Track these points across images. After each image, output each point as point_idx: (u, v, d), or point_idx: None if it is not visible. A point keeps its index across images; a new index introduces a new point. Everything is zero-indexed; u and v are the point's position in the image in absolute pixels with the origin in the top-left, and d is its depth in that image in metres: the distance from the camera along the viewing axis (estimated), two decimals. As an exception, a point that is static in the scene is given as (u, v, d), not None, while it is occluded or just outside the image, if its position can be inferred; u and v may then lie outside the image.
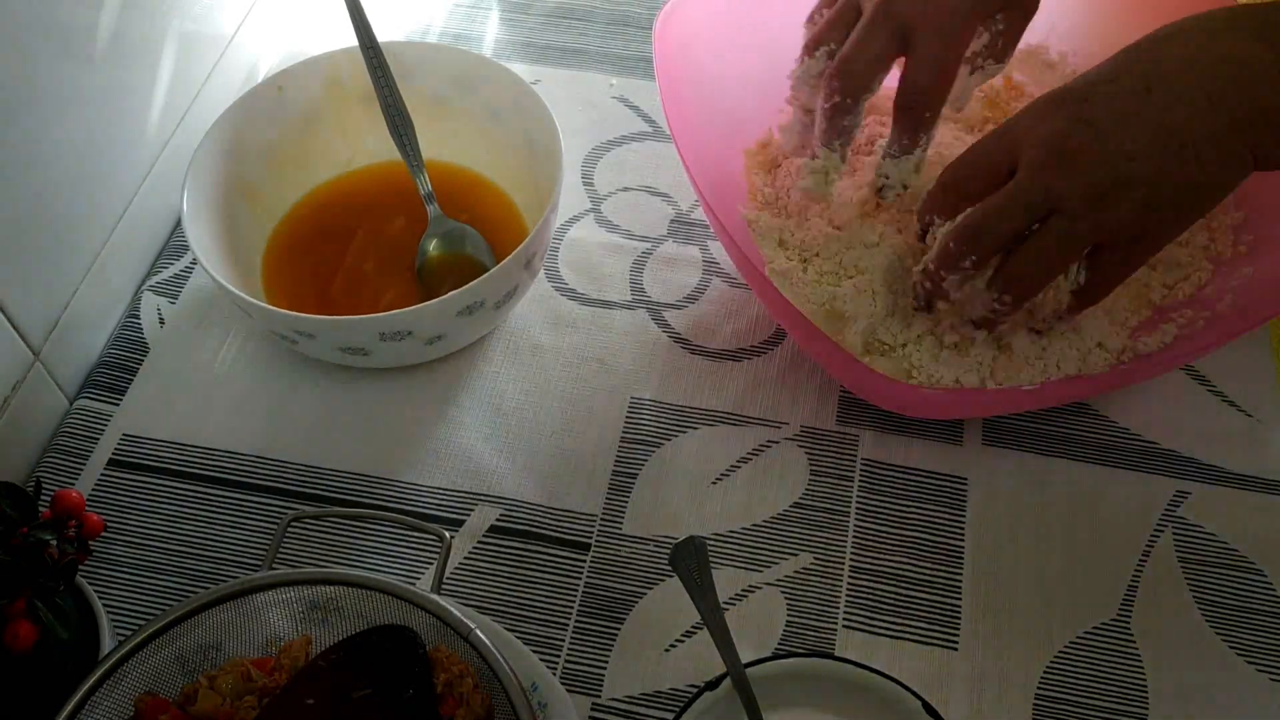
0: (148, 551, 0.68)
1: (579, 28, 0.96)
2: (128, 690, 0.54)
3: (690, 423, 0.73)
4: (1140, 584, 0.66)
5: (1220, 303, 0.70)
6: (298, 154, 0.80)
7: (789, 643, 0.64)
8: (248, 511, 0.69)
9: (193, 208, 0.71)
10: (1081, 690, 0.62)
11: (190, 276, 0.80)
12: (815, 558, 0.67)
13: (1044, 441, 0.71)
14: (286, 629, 0.58)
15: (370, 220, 0.79)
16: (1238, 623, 0.65)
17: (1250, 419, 0.72)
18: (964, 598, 0.66)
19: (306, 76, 0.79)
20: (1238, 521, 0.68)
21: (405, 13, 0.97)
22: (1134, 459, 0.71)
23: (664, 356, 0.76)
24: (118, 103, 0.75)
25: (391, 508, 0.69)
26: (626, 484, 0.70)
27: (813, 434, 0.72)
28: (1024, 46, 0.81)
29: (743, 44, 0.78)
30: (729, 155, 0.78)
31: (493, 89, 0.78)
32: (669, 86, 0.71)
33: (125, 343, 0.76)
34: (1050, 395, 0.69)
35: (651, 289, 0.79)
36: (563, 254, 0.81)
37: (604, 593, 0.66)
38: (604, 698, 0.63)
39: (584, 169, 0.86)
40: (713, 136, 0.76)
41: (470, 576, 0.67)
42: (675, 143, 0.69)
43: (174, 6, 0.79)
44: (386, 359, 0.72)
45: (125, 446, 0.72)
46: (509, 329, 0.77)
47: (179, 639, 0.56)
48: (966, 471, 0.70)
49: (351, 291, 0.76)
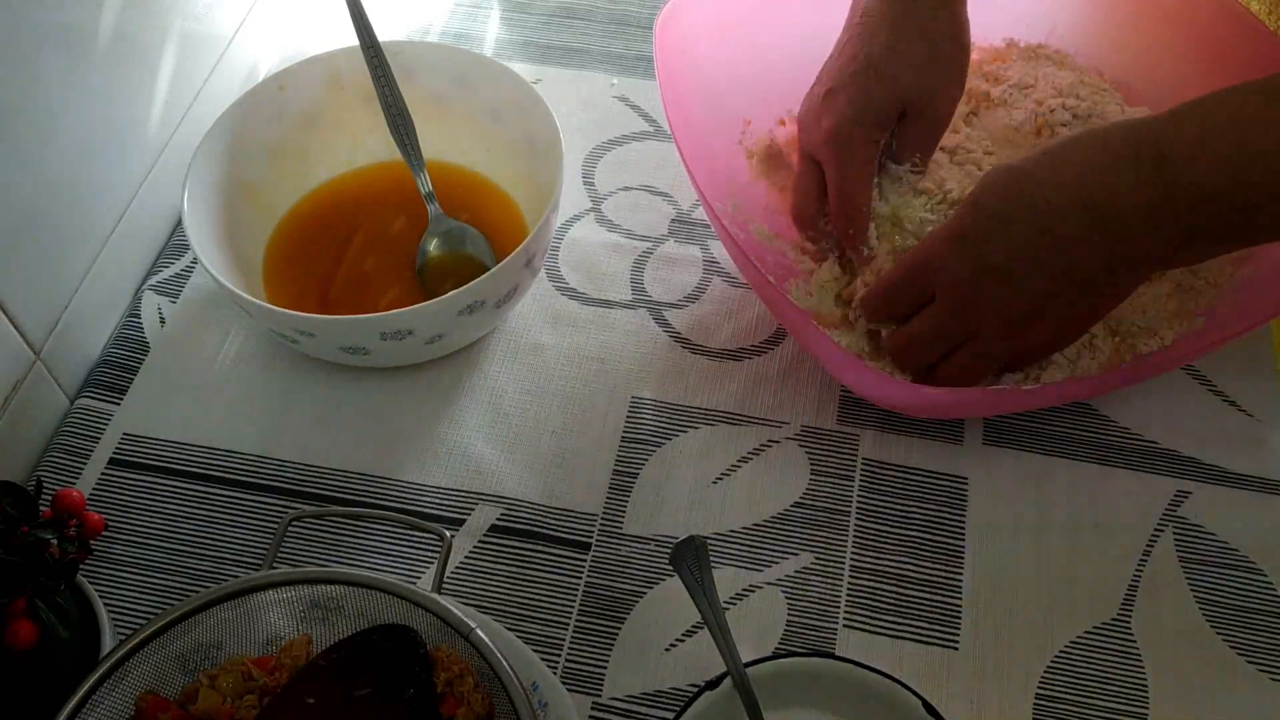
0: (148, 550, 0.68)
1: (580, 27, 0.96)
2: (128, 689, 0.54)
3: (691, 422, 0.73)
4: (1141, 584, 0.66)
5: (1220, 303, 0.70)
6: (298, 153, 0.80)
7: (789, 642, 0.64)
8: (248, 511, 0.69)
9: (193, 207, 0.71)
10: (1082, 690, 0.62)
11: (191, 276, 0.80)
12: (816, 557, 0.67)
13: (1044, 441, 0.71)
14: (287, 628, 0.58)
15: (371, 220, 0.79)
16: (1238, 622, 0.65)
17: (1250, 419, 0.72)
18: (964, 597, 0.66)
19: (307, 76, 0.79)
20: (1238, 521, 0.68)
21: (406, 12, 0.97)
22: (1134, 459, 0.71)
23: (665, 356, 0.76)
24: (118, 102, 0.75)
25: (392, 507, 0.69)
26: (627, 483, 0.70)
27: (813, 433, 0.72)
28: (1026, 45, 0.81)
29: (743, 42, 0.78)
30: (730, 154, 0.78)
31: (493, 89, 0.78)
32: (670, 86, 0.71)
33: (126, 342, 0.76)
34: (1050, 396, 0.69)
35: (652, 288, 0.79)
36: (563, 253, 0.81)
37: (605, 592, 0.66)
38: (604, 697, 0.63)
39: (585, 168, 0.86)
40: (714, 136, 0.76)
41: (471, 576, 0.67)
42: (676, 142, 0.69)
43: (174, 6, 0.79)
44: (387, 358, 0.72)
45: (126, 445, 0.72)
46: (510, 328, 0.77)
47: (180, 638, 0.56)
48: (967, 471, 0.70)
49: (352, 291, 0.76)
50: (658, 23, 0.73)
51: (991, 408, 0.72)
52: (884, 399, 0.70)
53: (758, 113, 0.79)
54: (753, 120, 0.79)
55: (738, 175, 0.78)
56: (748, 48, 0.77)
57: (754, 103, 0.78)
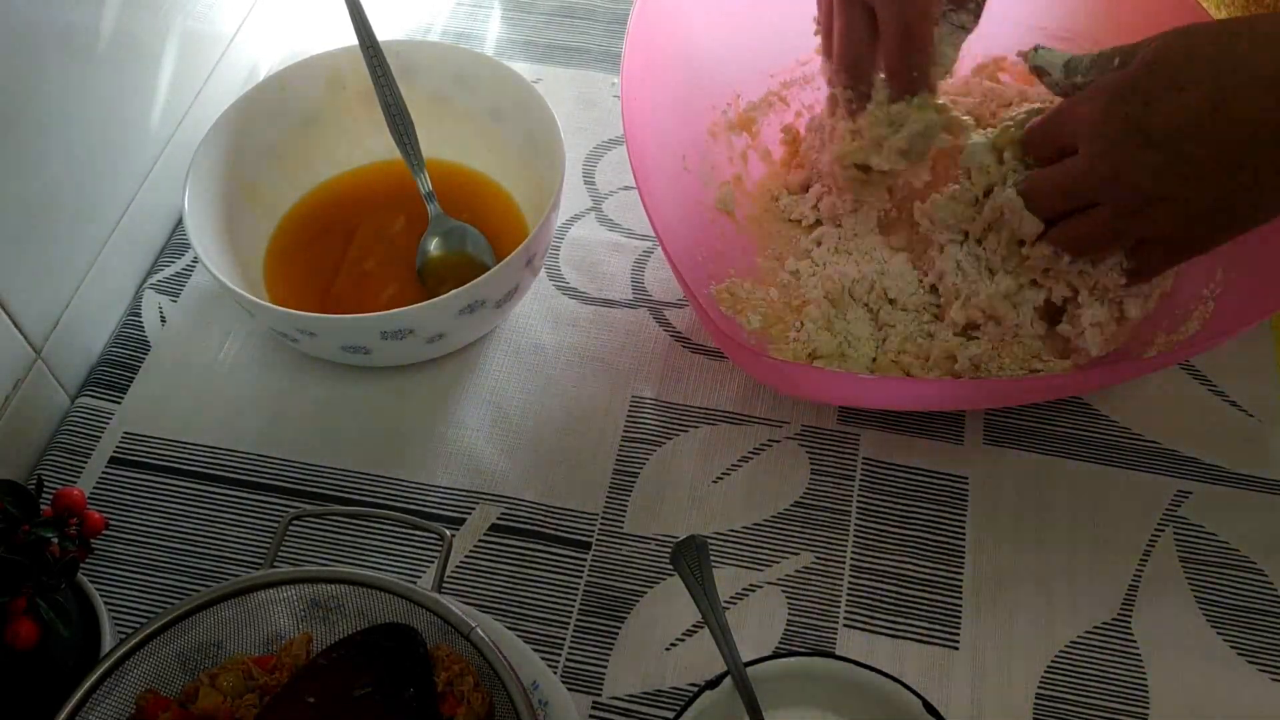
0: (149, 549, 0.68)
1: (581, 26, 0.96)
2: (129, 688, 0.54)
3: (691, 421, 0.73)
4: (1141, 584, 0.66)
5: (1220, 302, 0.70)
6: (299, 153, 0.80)
7: (790, 642, 0.64)
8: (249, 510, 0.69)
9: (194, 206, 0.71)
10: (1082, 690, 0.62)
11: (192, 275, 0.80)
12: (816, 557, 0.67)
13: (1045, 441, 0.71)
14: (288, 627, 0.58)
15: (371, 219, 0.79)
16: (1238, 622, 0.65)
17: (1250, 419, 0.72)
18: (964, 597, 0.66)
19: (307, 76, 0.79)
20: (1238, 521, 0.68)
21: (407, 12, 0.97)
22: (1135, 458, 0.71)
23: (665, 355, 0.76)
24: (119, 101, 0.75)
25: (393, 506, 0.69)
26: (628, 483, 0.70)
27: (814, 433, 0.72)
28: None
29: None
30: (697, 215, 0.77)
31: (494, 88, 0.78)
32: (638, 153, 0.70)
33: (127, 341, 0.76)
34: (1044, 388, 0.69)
35: (653, 288, 0.79)
36: (564, 253, 0.81)
37: (605, 591, 0.66)
38: (605, 696, 0.63)
39: (585, 168, 0.86)
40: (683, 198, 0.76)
41: (471, 575, 0.67)
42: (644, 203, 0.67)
43: (175, 6, 0.79)
44: (388, 358, 0.72)
45: (126, 444, 0.72)
46: (510, 328, 0.77)
47: (180, 637, 0.56)
48: (967, 471, 0.70)
49: (353, 290, 0.76)
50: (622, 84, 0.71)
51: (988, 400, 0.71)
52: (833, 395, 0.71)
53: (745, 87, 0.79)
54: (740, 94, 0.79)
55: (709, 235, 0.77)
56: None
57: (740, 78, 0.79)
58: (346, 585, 0.56)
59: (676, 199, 0.74)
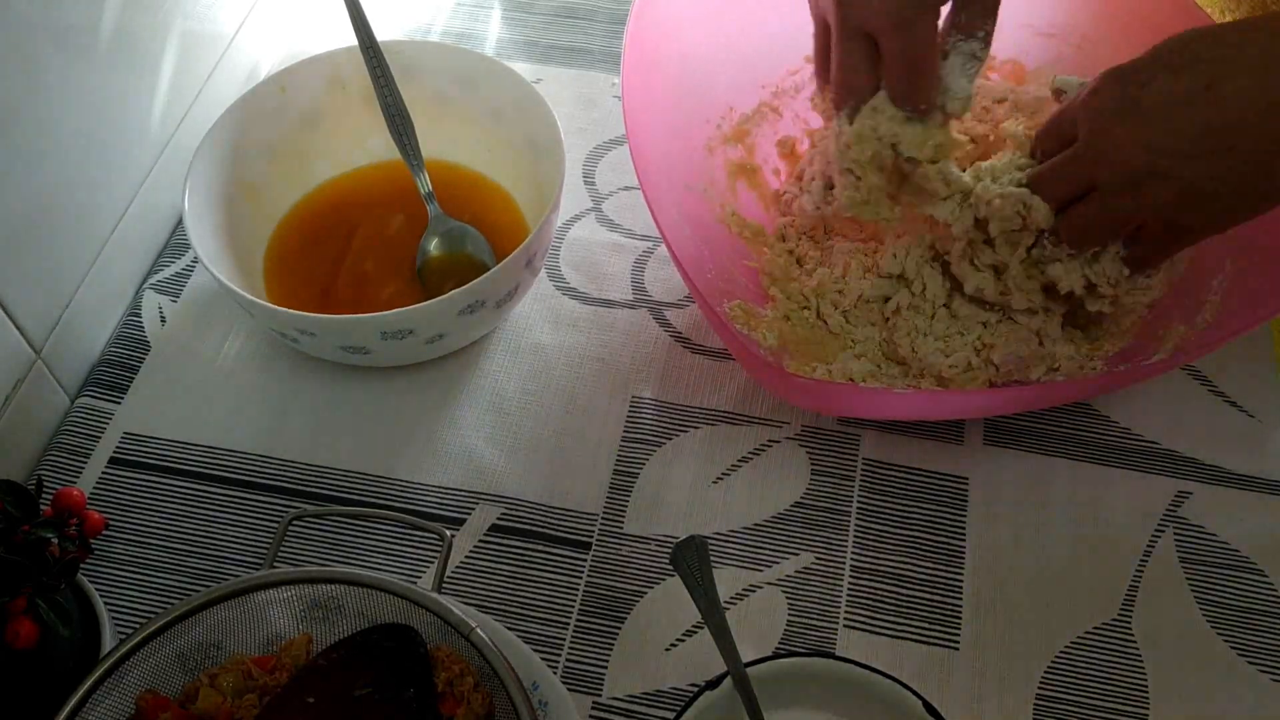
0: (149, 550, 0.68)
1: (581, 27, 0.96)
2: (129, 688, 0.54)
3: (691, 422, 0.73)
4: (1141, 584, 0.66)
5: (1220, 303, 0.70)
6: (299, 153, 0.80)
7: (790, 642, 0.64)
8: (249, 510, 0.69)
9: (194, 206, 0.71)
10: (1082, 690, 0.62)
11: (192, 275, 0.80)
12: (816, 557, 0.67)
13: (1045, 441, 0.71)
14: (287, 627, 0.58)
15: (371, 219, 0.79)
16: (1238, 623, 0.65)
17: (1250, 419, 0.72)
18: (964, 598, 0.66)
19: (307, 76, 0.79)
20: (1238, 521, 0.68)
21: (407, 12, 0.97)
22: (1135, 459, 0.71)
23: (665, 355, 0.76)
24: (119, 101, 0.75)
25: (393, 506, 0.69)
26: (627, 483, 0.70)
27: (814, 433, 0.72)
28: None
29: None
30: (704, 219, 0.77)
31: (494, 88, 0.78)
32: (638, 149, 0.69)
33: (127, 341, 0.76)
34: (1050, 395, 0.69)
35: (653, 288, 0.79)
36: (564, 253, 0.81)
37: (605, 592, 0.66)
38: (605, 697, 0.63)
39: (585, 168, 0.86)
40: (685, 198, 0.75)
41: (471, 575, 0.67)
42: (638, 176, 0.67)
43: (175, 6, 0.79)
44: (388, 358, 0.72)
45: (126, 445, 0.72)
46: (510, 328, 0.77)
47: (180, 637, 0.56)
48: (967, 471, 0.70)
49: (353, 290, 0.76)
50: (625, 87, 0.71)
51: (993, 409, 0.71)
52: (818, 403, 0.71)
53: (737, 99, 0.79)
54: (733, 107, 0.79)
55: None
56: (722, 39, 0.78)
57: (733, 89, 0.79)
58: (346, 585, 0.56)
59: (679, 202, 0.74)
